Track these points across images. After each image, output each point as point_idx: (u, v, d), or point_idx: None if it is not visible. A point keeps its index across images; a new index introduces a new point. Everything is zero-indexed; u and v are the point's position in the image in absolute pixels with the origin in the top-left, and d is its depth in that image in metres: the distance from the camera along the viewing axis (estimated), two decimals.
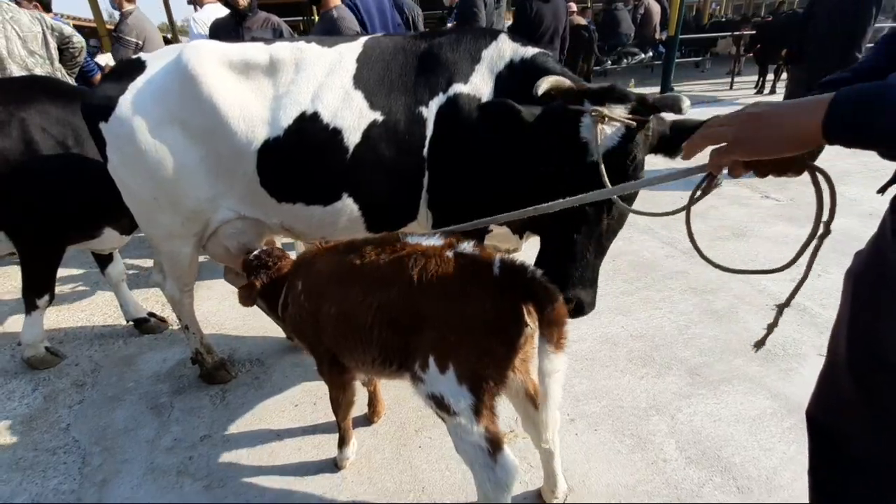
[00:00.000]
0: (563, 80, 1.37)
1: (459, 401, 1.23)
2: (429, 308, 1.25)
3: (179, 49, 1.75)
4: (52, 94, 2.22)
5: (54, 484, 1.87)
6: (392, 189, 1.74)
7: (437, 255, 1.29)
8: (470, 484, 1.75)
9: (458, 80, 1.65)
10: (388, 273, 1.34)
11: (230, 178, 1.76)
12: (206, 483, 1.83)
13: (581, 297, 1.38)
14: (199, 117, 1.67)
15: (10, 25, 3.70)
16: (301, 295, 1.61)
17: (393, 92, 1.68)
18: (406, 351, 1.33)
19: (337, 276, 1.49)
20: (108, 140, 1.77)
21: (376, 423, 2.04)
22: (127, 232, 2.50)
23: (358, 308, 1.38)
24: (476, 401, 1.23)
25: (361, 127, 1.67)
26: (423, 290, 1.26)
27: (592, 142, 1.29)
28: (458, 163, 1.68)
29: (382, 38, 1.81)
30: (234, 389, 2.32)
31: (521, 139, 1.52)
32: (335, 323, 1.48)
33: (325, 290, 1.52)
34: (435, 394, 1.27)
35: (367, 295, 1.36)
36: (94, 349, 2.72)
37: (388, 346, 1.37)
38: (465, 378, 1.22)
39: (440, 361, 1.24)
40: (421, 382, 1.30)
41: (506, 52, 1.66)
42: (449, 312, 1.23)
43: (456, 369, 1.22)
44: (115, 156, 1.79)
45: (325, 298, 1.50)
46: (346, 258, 1.46)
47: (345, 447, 1.83)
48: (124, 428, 2.13)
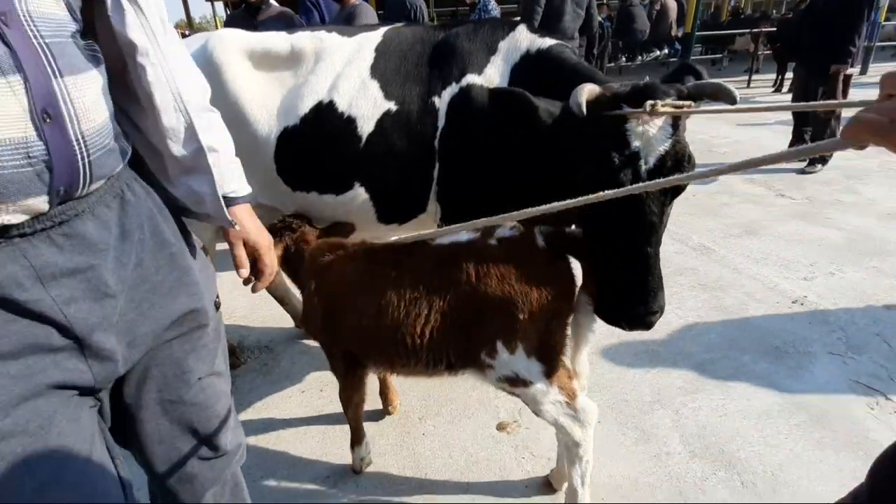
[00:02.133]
0: (595, 88, 1.25)
1: (532, 372, 1.32)
2: (490, 299, 1.28)
3: (205, 38, 1.78)
4: None
5: None
6: (403, 180, 1.75)
7: (482, 247, 1.34)
8: (473, 469, 1.77)
9: (472, 71, 1.64)
10: (436, 277, 1.35)
11: (249, 165, 1.77)
12: None
13: (663, 303, 1.31)
14: (222, 105, 1.69)
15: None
16: (314, 297, 1.57)
17: (408, 82, 1.68)
18: (464, 346, 1.36)
19: (363, 285, 1.45)
20: None
21: (393, 413, 2.04)
22: None
23: (402, 315, 1.36)
24: (546, 366, 1.32)
25: (375, 116, 1.68)
26: (481, 284, 1.29)
27: (644, 149, 1.20)
28: (468, 155, 1.67)
29: (403, 27, 1.81)
30: (243, 375, 2.36)
31: (539, 137, 1.45)
32: (366, 332, 1.45)
33: (346, 298, 1.49)
34: (508, 375, 1.33)
35: (416, 299, 1.35)
36: None
37: (440, 346, 1.38)
38: (533, 350, 1.30)
39: (509, 344, 1.30)
40: (490, 369, 1.34)
41: (522, 43, 1.64)
42: (511, 297, 1.27)
43: (524, 346, 1.30)
44: None
45: (349, 307, 1.47)
46: (372, 266, 1.45)
47: (358, 446, 1.78)
48: None
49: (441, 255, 1.38)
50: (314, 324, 1.61)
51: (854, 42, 4.29)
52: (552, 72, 1.56)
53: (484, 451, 1.85)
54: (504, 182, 1.70)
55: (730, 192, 4.34)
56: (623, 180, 1.19)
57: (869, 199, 3.98)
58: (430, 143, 1.69)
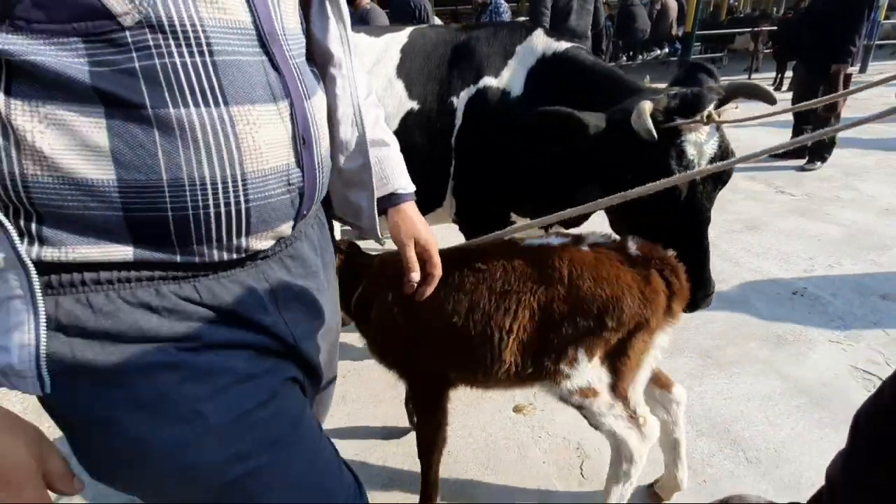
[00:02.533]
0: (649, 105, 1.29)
1: (602, 381, 1.29)
2: (577, 303, 1.25)
3: None
4: None
5: None
6: (423, 175, 1.80)
7: (574, 251, 1.31)
8: (493, 448, 1.88)
9: (489, 73, 1.72)
10: (526, 278, 1.31)
11: None
12: None
13: (713, 288, 1.44)
14: None
15: None
16: (394, 307, 1.42)
17: (430, 82, 1.78)
18: (546, 350, 1.30)
19: (452, 287, 1.36)
20: None
21: None
22: None
23: (491, 317, 1.31)
24: (615, 378, 1.30)
25: (400, 115, 1.77)
26: (572, 288, 1.26)
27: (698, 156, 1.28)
28: (481, 154, 1.77)
29: (428, 29, 1.91)
30: None
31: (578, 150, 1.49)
32: (454, 338, 1.37)
33: (434, 305, 1.35)
34: (582, 386, 1.29)
35: (504, 301, 1.30)
36: None
37: (526, 350, 1.32)
38: (608, 359, 1.29)
39: (590, 352, 1.27)
40: (566, 379, 1.29)
41: (538, 46, 1.72)
42: (601, 303, 1.23)
43: (601, 355, 1.28)
44: None
45: (438, 314, 1.37)
46: (461, 268, 1.37)
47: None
48: None
49: (532, 257, 1.34)
50: (392, 342, 1.49)
51: (854, 42, 4.39)
52: (570, 74, 1.65)
53: (502, 431, 1.96)
54: (516, 181, 1.79)
55: (732, 189, 4.44)
56: (680, 190, 1.29)
57: (867, 196, 4.09)
58: (447, 140, 1.79)
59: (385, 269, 1.51)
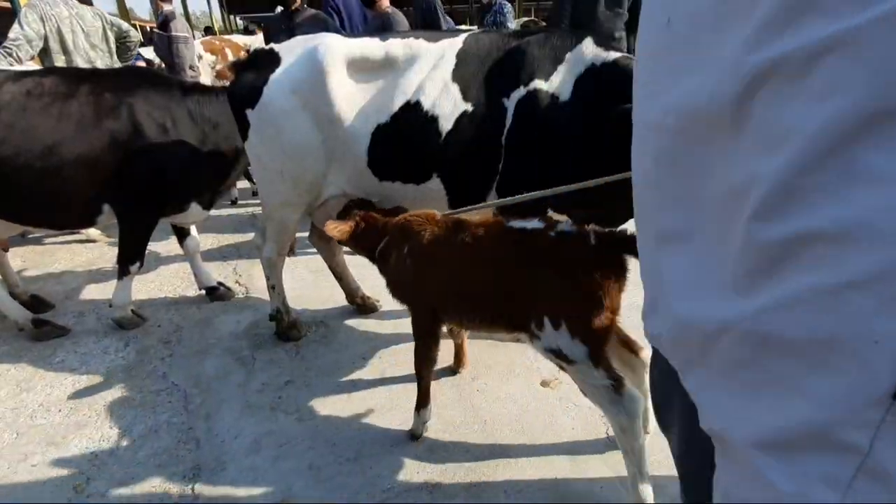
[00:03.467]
0: None
1: (575, 352, 1.49)
2: (540, 280, 1.52)
3: (311, 44, 2.05)
4: (152, 82, 2.53)
5: (165, 417, 2.18)
6: (474, 172, 2.01)
7: (543, 235, 1.56)
8: (525, 414, 2.07)
9: (539, 77, 1.86)
10: (503, 251, 1.60)
11: (342, 159, 2.08)
12: (297, 416, 2.14)
13: None
14: (326, 106, 1.97)
15: (76, 20, 4.01)
16: (406, 258, 1.81)
17: (483, 85, 1.93)
18: (518, 314, 1.60)
19: (449, 248, 1.72)
20: (253, 123, 2.10)
21: (462, 372, 2.33)
22: (208, 207, 2.81)
23: (473, 279, 1.67)
24: (589, 349, 1.49)
25: (455, 116, 1.93)
26: (536, 265, 1.53)
27: None
28: (528, 151, 1.92)
29: (481, 34, 2.04)
30: (306, 346, 2.63)
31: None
32: (445, 288, 1.76)
33: (435, 258, 1.75)
34: (552, 347, 1.53)
35: (483, 269, 1.64)
36: (171, 313, 3.04)
37: (499, 310, 1.65)
38: (577, 332, 1.48)
39: (554, 321, 1.50)
40: (537, 339, 1.56)
41: (587, 55, 1.84)
42: (558, 282, 1.49)
43: (568, 326, 1.48)
44: (257, 137, 2.12)
45: (436, 266, 1.76)
46: (457, 235, 1.71)
47: (423, 409, 1.97)
48: (215, 375, 2.44)
49: (512, 235, 1.62)
50: (404, 282, 1.88)
51: None
52: (619, 83, 1.73)
53: (533, 402, 2.15)
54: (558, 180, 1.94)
55: None
56: None
57: None
58: (497, 139, 1.94)
59: (405, 228, 1.86)
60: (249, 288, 3.30)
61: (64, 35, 3.95)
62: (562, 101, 1.85)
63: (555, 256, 1.51)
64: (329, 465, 1.88)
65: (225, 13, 30.06)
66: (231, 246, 4.02)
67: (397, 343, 2.61)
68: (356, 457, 1.92)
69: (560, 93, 1.86)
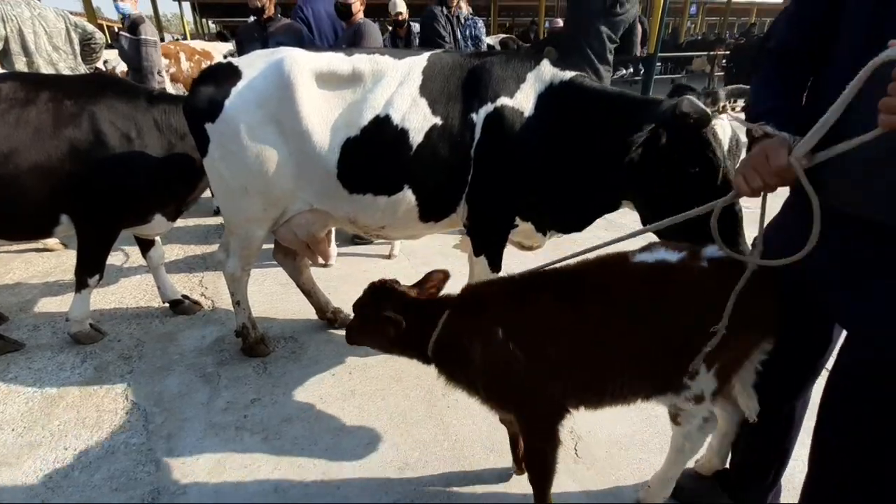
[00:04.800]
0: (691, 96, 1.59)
1: (708, 388, 1.33)
2: (700, 319, 1.25)
3: (275, 58, 2.03)
4: (117, 90, 2.46)
5: (123, 438, 2.10)
6: (444, 183, 2.06)
7: (693, 266, 1.31)
8: (496, 432, 2.06)
9: (505, 94, 1.97)
10: (649, 295, 1.30)
11: (311, 173, 2.06)
12: (263, 436, 2.09)
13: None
14: (294, 120, 1.95)
15: (38, 21, 3.88)
16: (506, 342, 1.37)
17: (451, 101, 2.00)
18: (675, 368, 1.32)
19: (571, 312, 1.35)
20: (213, 138, 2.05)
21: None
22: (173, 218, 2.73)
23: (615, 343, 1.32)
24: (719, 384, 1.32)
25: (424, 129, 1.98)
26: (695, 305, 1.27)
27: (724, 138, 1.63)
28: (497, 163, 2.00)
29: (444, 54, 2.13)
30: (274, 362, 2.58)
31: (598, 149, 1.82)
32: (579, 366, 1.37)
33: (557, 330, 1.36)
34: (697, 394, 1.33)
35: (628, 324, 1.30)
36: (132, 327, 2.93)
37: (653, 371, 1.35)
38: (720, 369, 1.30)
39: (708, 364, 1.29)
40: (686, 389, 1.33)
41: (546, 74, 1.99)
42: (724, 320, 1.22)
43: (717, 367, 1.30)
44: (218, 152, 2.07)
45: (561, 340, 1.36)
46: (573, 291, 1.37)
47: None
48: (178, 393, 2.36)
49: (648, 275, 1.33)
50: (510, 377, 1.40)
51: None
52: (576, 99, 1.93)
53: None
54: (524, 189, 2.04)
55: None
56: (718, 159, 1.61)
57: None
58: (467, 152, 2.01)
59: (482, 304, 1.44)
60: (216, 301, 3.21)
61: (25, 36, 3.81)
62: (526, 116, 1.97)
63: (712, 288, 1.26)
64: (295, 488, 1.84)
65: (197, 17, 29.56)
66: (198, 257, 3.92)
67: (368, 357, 2.58)
68: (323, 478, 1.88)
69: (524, 108, 1.97)
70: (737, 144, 1.69)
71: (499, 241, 2.22)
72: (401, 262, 3.82)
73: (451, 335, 1.46)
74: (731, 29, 30.15)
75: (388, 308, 1.46)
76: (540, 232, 2.23)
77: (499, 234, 2.20)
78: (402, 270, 3.68)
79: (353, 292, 1.91)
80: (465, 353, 1.43)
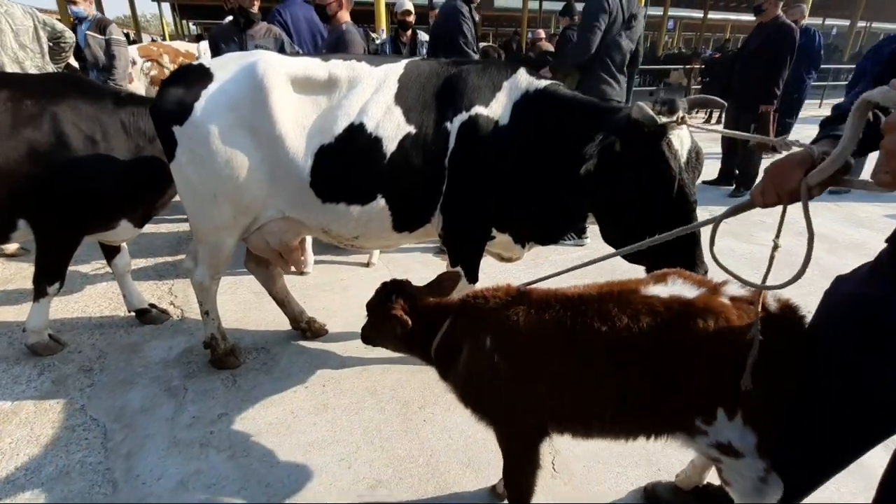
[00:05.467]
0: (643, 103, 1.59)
1: (746, 443, 1.18)
2: (717, 361, 1.15)
3: (249, 60, 1.96)
4: (81, 90, 2.35)
5: (80, 456, 1.98)
6: (418, 192, 2.02)
7: (710, 303, 1.19)
8: (472, 447, 2.01)
9: (480, 104, 1.94)
10: (655, 328, 1.19)
11: (284, 180, 1.99)
12: (230, 453, 1.99)
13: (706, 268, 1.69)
14: (266, 125, 1.89)
15: (5, 18, 3.74)
16: (492, 353, 1.34)
17: (425, 109, 1.96)
18: (680, 410, 1.22)
19: (565, 334, 1.27)
20: (181, 142, 1.96)
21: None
22: (140, 224, 2.63)
23: (611, 374, 1.23)
24: (759, 438, 1.18)
25: (398, 138, 1.94)
26: (706, 343, 1.15)
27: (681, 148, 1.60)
28: (471, 173, 1.96)
29: (421, 62, 2.09)
30: (244, 374, 2.48)
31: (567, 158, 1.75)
32: (564, 393, 1.30)
33: (545, 351, 1.31)
34: (721, 442, 1.20)
35: (627, 357, 1.21)
36: (95, 337, 2.80)
37: (653, 410, 1.24)
38: (750, 418, 1.17)
39: (729, 410, 1.17)
40: (703, 435, 1.21)
41: (522, 83, 1.97)
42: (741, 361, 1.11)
43: (743, 414, 1.16)
44: (186, 156, 1.98)
45: (547, 362, 1.30)
46: (572, 313, 1.28)
47: None
48: (141, 408, 2.25)
49: (660, 308, 1.21)
50: (489, 389, 1.38)
51: (779, 84, 4.97)
52: (551, 107, 1.91)
53: (480, 433, 2.08)
54: (499, 199, 2.00)
55: None
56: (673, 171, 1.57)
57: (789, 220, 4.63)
58: (441, 161, 1.97)
59: (479, 311, 1.41)
60: (186, 310, 3.10)
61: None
62: (501, 125, 1.94)
63: (731, 328, 1.15)
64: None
65: (177, 18, 29.12)
66: (168, 264, 3.79)
67: (343, 368, 2.51)
68: (292, 498, 1.80)
69: (499, 117, 1.95)
70: (696, 156, 1.66)
71: (475, 252, 2.18)
72: (380, 271, 3.75)
73: (452, 340, 1.45)
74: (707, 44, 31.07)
75: (397, 307, 1.48)
76: (518, 244, 2.20)
77: (474, 245, 2.16)
78: (380, 279, 3.59)
79: (330, 301, 1.86)
80: (455, 356, 1.43)
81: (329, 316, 2.95)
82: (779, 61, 4.91)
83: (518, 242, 2.19)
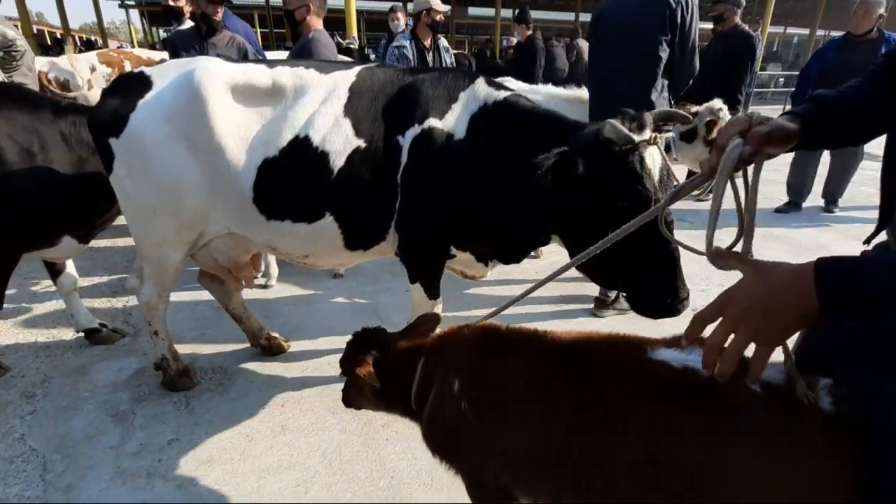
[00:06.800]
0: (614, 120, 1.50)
1: None
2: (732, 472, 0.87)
3: (187, 68, 1.86)
4: (18, 101, 2.22)
5: (17, 490, 1.84)
6: (369, 209, 1.91)
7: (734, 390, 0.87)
8: (436, 468, 1.93)
9: (434, 116, 1.83)
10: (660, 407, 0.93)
11: (225, 195, 1.89)
12: (178, 483, 1.88)
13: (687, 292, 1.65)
14: (205, 135, 1.79)
15: None
16: (460, 399, 1.15)
17: (377, 121, 1.86)
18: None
19: (543, 393, 1.07)
20: (118, 154, 1.86)
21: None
22: (85, 241, 2.49)
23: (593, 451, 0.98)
24: None
25: (346, 152, 1.83)
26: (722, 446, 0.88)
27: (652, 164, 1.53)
28: (425, 190, 1.86)
29: (376, 69, 1.98)
30: (198, 395, 2.36)
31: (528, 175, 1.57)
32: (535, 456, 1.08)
33: (516, 406, 1.10)
34: None
35: (615, 437, 0.96)
36: (40, 361, 2.64)
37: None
38: None
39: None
40: None
41: (480, 94, 1.86)
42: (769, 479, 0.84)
43: None
44: (123, 169, 1.87)
45: (518, 420, 1.09)
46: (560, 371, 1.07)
47: None
48: (84, 436, 2.11)
49: (663, 383, 0.94)
50: (452, 436, 1.21)
51: (742, 90, 5.07)
52: (509, 121, 1.80)
53: None
54: (456, 216, 1.91)
55: None
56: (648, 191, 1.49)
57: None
58: (393, 177, 1.87)
59: (448, 349, 1.25)
60: (141, 329, 2.95)
61: None
62: (456, 139, 1.83)
63: (761, 432, 0.85)
64: None
65: (146, 25, 28.53)
66: (124, 280, 3.62)
67: (303, 388, 2.41)
68: None
69: (455, 131, 1.84)
70: (667, 174, 1.61)
71: (433, 269, 2.09)
72: (347, 282, 3.66)
73: (427, 382, 1.26)
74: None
75: (364, 364, 1.27)
76: (481, 262, 2.11)
77: (433, 263, 2.08)
78: (348, 290, 3.53)
79: (294, 315, 1.76)
80: (423, 399, 1.26)
81: (291, 332, 2.86)
82: (741, 69, 5.02)
83: (481, 261, 2.11)
